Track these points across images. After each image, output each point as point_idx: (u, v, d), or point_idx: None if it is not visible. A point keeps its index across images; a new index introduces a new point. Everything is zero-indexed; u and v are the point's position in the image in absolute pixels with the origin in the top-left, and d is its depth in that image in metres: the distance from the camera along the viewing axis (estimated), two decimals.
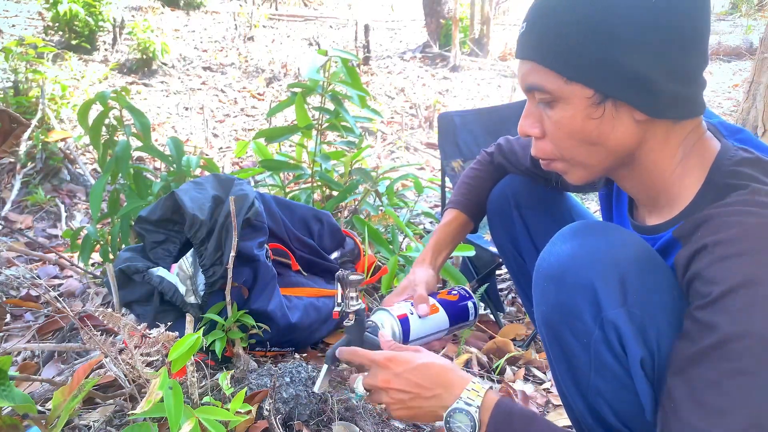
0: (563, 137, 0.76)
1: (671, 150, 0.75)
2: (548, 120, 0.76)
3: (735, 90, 6.15)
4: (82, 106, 1.71)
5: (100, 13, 5.61)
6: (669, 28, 0.68)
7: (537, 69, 0.73)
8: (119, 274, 1.39)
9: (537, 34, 0.73)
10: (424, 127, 4.88)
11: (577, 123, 0.73)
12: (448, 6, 7.47)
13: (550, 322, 0.77)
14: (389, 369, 0.80)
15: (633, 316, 0.70)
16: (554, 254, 0.76)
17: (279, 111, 1.93)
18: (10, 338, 1.53)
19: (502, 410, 0.74)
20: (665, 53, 0.68)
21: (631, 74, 0.69)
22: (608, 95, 0.71)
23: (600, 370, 0.74)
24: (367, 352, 0.85)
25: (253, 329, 1.34)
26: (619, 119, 0.72)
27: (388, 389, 0.80)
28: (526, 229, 1.17)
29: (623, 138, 0.74)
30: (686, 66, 0.70)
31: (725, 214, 0.67)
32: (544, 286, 0.77)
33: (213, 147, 4.05)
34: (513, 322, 1.93)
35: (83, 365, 0.94)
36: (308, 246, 1.63)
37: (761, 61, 2.47)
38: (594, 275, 0.71)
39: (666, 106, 0.71)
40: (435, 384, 0.77)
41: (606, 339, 0.72)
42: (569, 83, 0.71)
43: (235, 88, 5.64)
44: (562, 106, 0.73)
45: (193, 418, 0.85)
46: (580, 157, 0.77)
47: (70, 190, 2.99)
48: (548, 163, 0.82)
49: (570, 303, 0.73)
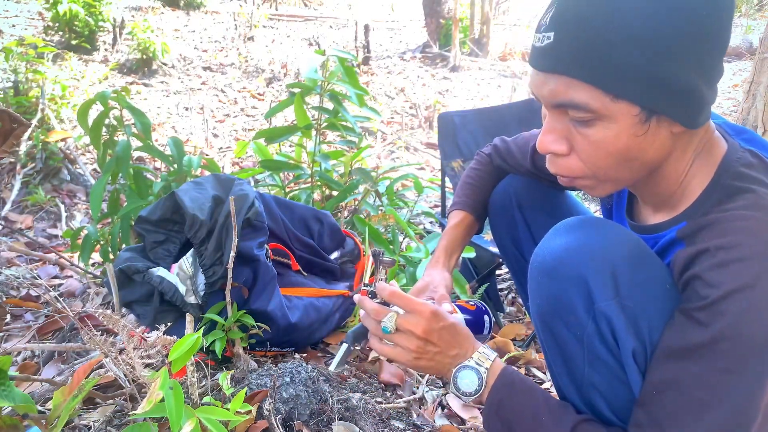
0: (601, 156, 0.71)
1: (688, 156, 0.75)
2: (583, 139, 0.71)
3: (735, 90, 6.15)
4: (83, 106, 1.71)
5: (100, 13, 5.61)
6: (709, 36, 0.65)
7: (575, 85, 0.67)
8: (119, 274, 1.39)
9: (571, 47, 0.66)
10: (424, 127, 4.88)
11: (622, 142, 0.69)
12: (448, 6, 7.46)
13: (545, 316, 0.78)
14: (432, 322, 0.82)
15: (625, 308, 0.71)
16: (548, 248, 0.77)
17: (278, 111, 1.93)
18: (10, 338, 1.53)
19: (506, 377, 0.80)
20: (704, 61, 0.66)
21: (679, 87, 0.66)
22: (655, 111, 0.67)
23: (594, 363, 0.75)
24: (414, 299, 0.84)
25: (253, 329, 1.34)
26: (659, 134, 0.69)
27: (426, 339, 0.82)
28: (528, 229, 1.17)
29: (659, 152, 0.71)
30: (717, 72, 0.68)
31: (730, 218, 0.68)
32: (539, 280, 0.78)
33: (213, 147, 4.05)
34: (513, 322, 1.93)
35: (83, 365, 0.94)
36: (308, 246, 1.63)
37: (761, 61, 2.47)
38: (586, 268, 0.72)
39: (702, 113, 0.69)
40: (459, 344, 0.83)
41: (599, 332, 0.73)
42: (616, 101, 0.66)
43: (235, 88, 5.64)
44: (605, 124, 0.68)
45: (193, 418, 0.85)
46: (611, 173, 0.74)
47: (70, 190, 2.99)
48: (571, 181, 0.77)
49: (563, 296, 0.74)
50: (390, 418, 1.25)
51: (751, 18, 9.64)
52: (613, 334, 0.72)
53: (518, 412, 0.78)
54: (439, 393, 1.42)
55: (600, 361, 0.74)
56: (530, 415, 0.77)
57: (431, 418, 1.32)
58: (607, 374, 0.75)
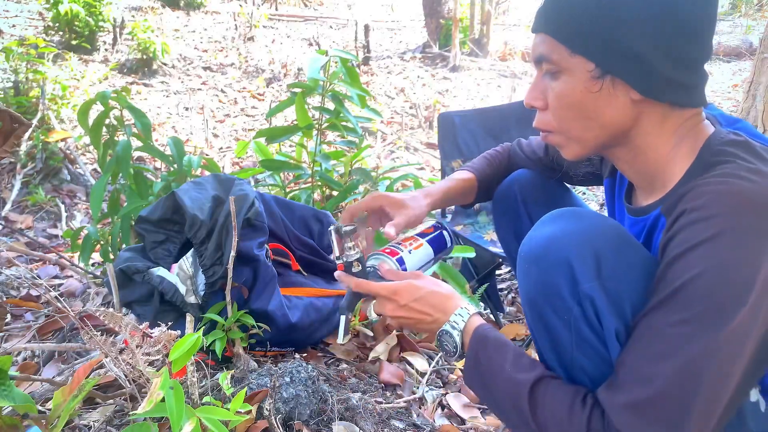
0: (562, 108, 0.81)
1: (666, 135, 0.79)
2: (551, 92, 0.81)
3: (735, 90, 6.15)
4: (83, 106, 1.71)
5: (100, 13, 5.61)
6: (672, 14, 0.71)
7: (547, 40, 0.79)
8: (119, 274, 1.39)
9: (551, 10, 0.78)
10: (424, 127, 4.89)
11: (577, 95, 0.78)
12: (448, 6, 7.47)
13: (533, 302, 0.80)
14: (395, 301, 0.88)
15: (607, 289, 0.73)
16: (534, 238, 0.80)
17: (279, 111, 1.93)
18: (10, 338, 1.53)
19: (479, 334, 0.84)
20: (665, 37, 0.72)
21: (629, 53, 0.73)
22: (607, 71, 0.75)
23: (581, 346, 0.77)
24: (373, 284, 0.91)
25: (253, 329, 1.34)
26: (615, 96, 0.76)
27: (395, 317, 0.89)
28: (531, 223, 1.18)
29: (617, 115, 0.78)
30: (685, 53, 0.74)
31: (706, 184, 0.71)
32: (526, 268, 0.80)
33: (213, 147, 4.05)
34: (513, 322, 1.93)
35: (83, 365, 0.94)
36: (308, 246, 1.63)
37: (761, 61, 2.47)
38: (569, 252, 0.74)
39: (661, 88, 0.75)
40: (435, 310, 0.87)
41: (584, 314, 0.75)
42: (573, 55, 0.76)
43: (235, 88, 5.64)
44: (565, 78, 0.78)
45: (193, 417, 0.85)
46: (575, 131, 0.82)
47: (70, 190, 3.00)
48: (546, 136, 0.87)
49: (549, 281, 0.76)
50: (390, 418, 1.25)
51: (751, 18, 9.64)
52: (597, 315, 0.74)
53: (489, 365, 0.82)
54: (439, 393, 1.42)
55: (587, 344, 0.76)
56: (499, 367, 0.81)
57: (431, 418, 1.32)
58: (594, 356, 0.76)
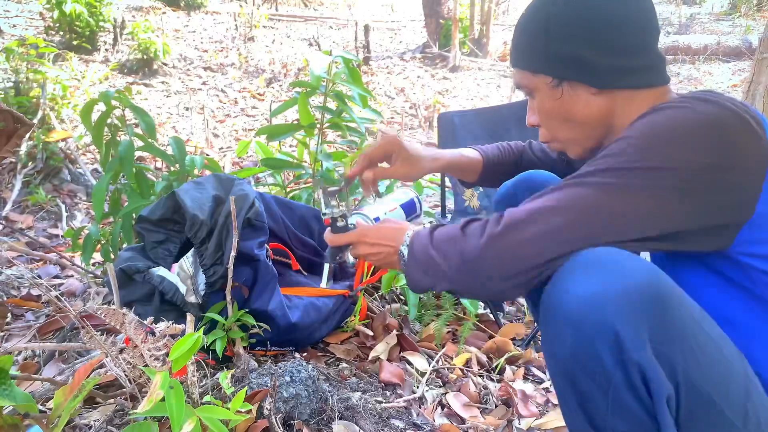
0: (545, 119, 0.95)
1: (634, 114, 0.84)
2: (536, 110, 0.96)
3: (734, 90, 6.15)
4: (86, 106, 1.71)
5: (101, 13, 5.62)
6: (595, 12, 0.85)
7: (517, 72, 0.95)
8: (120, 273, 1.39)
9: (513, 47, 0.95)
10: (424, 127, 4.89)
11: (548, 105, 0.92)
12: (448, 6, 7.47)
13: (566, 365, 0.75)
14: (363, 240, 0.99)
15: (659, 354, 0.69)
16: (568, 293, 0.73)
17: (283, 111, 1.93)
18: (11, 338, 1.53)
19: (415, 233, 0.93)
20: (596, 34, 0.85)
21: (571, 57, 0.86)
22: (562, 78, 0.89)
23: (620, 413, 0.72)
24: (345, 234, 1.02)
25: (254, 329, 1.35)
26: (578, 96, 0.89)
27: (367, 254, 0.99)
28: None
29: (588, 110, 0.90)
30: (621, 42, 0.85)
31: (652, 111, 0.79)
32: (559, 329, 0.74)
33: (213, 147, 4.05)
34: (512, 321, 1.93)
35: (84, 365, 0.94)
36: (308, 246, 1.63)
37: (760, 62, 2.48)
38: (616, 318, 0.68)
39: (611, 78, 0.86)
40: (392, 240, 0.95)
41: (628, 380, 0.70)
42: (536, 75, 0.91)
43: (236, 88, 5.65)
44: (537, 95, 0.93)
45: (194, 417, 0.85)
46: (563, 134, 0.95)
47: (70, 190, 3.00)
48: (549, 146, 1.00)
49: (589, 348, 0.71)
50: (390, 418, 1.25)
51: (751, 18, 9.64)
52: (644, 381, 0.70)
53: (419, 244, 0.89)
54: (439, 392, 1.42)
55: (627, 411, 0.72)
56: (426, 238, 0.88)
57: (431, 417, 1.32)
58: (634, 422, 0.72)
